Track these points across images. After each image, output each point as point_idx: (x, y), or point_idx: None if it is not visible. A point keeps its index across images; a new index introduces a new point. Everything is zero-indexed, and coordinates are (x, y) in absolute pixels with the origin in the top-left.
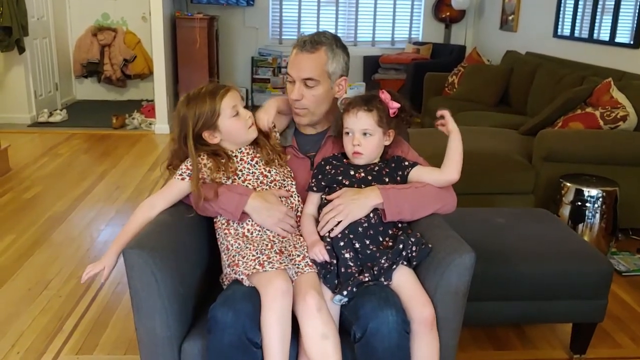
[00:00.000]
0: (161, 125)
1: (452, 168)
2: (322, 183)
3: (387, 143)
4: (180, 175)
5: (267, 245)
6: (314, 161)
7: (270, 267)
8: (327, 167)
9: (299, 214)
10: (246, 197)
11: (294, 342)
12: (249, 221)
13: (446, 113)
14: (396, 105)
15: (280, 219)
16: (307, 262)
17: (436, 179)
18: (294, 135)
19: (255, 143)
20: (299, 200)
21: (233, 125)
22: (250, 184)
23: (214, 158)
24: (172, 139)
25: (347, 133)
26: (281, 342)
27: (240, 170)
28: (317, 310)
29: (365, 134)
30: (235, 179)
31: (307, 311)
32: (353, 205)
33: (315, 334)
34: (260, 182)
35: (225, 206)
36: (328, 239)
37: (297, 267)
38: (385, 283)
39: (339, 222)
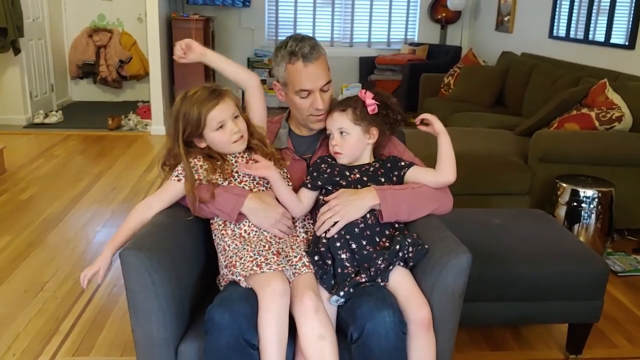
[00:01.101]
0: (157, 126)
1: (447, 170)
2: (318, 182)
3: (371, 141)
4: (177, 176)
5: (264, 246)
6: (310, 163)
7: (267, 269)
8: (323, 166)
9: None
10: (243, 198)
11: (290, 342)
12: (245, 222)
13: (429, 116)
14: (372, 102)
15: (277, 220)
16: (304, 262)
17: (432, 181)
18: (289, 137)
19: (249, 148)
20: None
21: (217, 138)
22: (246, 185)
23: (209, 160)
24: (168, 134)
25: (329, 135)
26: (278, 343)
27: (237, 172)
28: (314, 311)
29: (342, 133)
30: (231, 180)
31: (304, 312)
32: (350, 206)
33: (313, 334)
34: (257, 184)
35: (222, 207)
36: (324, 240)
37: (295, 268)
38: (382, 284)
39: (335, 223)
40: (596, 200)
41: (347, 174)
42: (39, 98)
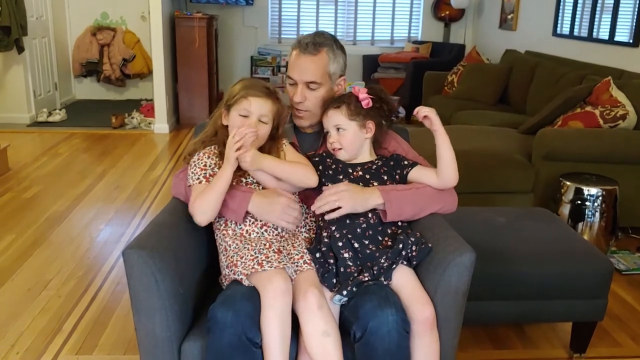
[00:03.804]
0: (160, 124)
1: (448, 173)
2: (322, 179)
3: (369, 135)
4: (198, 179)
5: (265, 245)
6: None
7: (269, 266)
8: (329, 160)
9: None
10: (249, 194)
11: (293, 341)
12: (247, 222)
13: (428, 111)
14: (365, 96)
15: (282, 211)
16: (305, 260)
17: (435, 183)
18: (294, 133)
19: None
20: (299, 201)
21: (234, 120)
22: (254, 186)
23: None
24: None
25: (327, 133)
26: (281, 341)
27: (247, 174)
28: (317, 308)
29: (338, 129)
30: (240, 181)
31: (307, 308)
32: (356, 198)
33: (316, 331)
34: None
35: (229, 203)
36: (325, 239)
37: (296, 265)
38: (385, 283)
39: (337, 211)
40: (600, 198)
41: (350, 171)
42: (42, 96)
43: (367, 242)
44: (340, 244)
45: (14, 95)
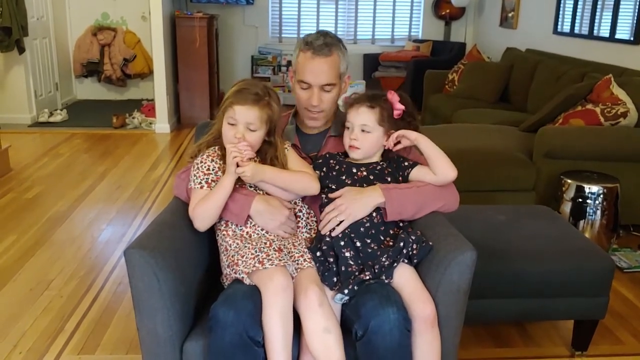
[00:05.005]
0: (161, 124)
1: (441, 168)
2: (326, 181)
3: (386, 144)
4: (199, 183)
5: (265, 243)
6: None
7: (269, 264)
8: (332, 162)
9: (300, 214)
10: (251, 199)
11: (295, 339)
12: (249, 224)
13: (400, 132)
14: (401, 107)
15: (283, 223)
16: (305, 258)
17: (435, 179)
18: (296, 134)
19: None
20: (301, 201)
21: (224, 127)
22: (255, 188)
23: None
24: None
25: (347, 127)
26: (284, 337)
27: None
28: (318, 305)
29: (363, 130)
30: (242, 184)
31: (308, 306)
32: (356, 204)
33: (317, 328)
34: (266, 193)
35: (231, 207)
36: (327, 238)
37: (297, 263)
38: (386, 281)
39: (340, 223)
40: (601, 196)
41: (354, 171)
42: (43, 97)
43: (369, 240)
44: (342, 242)
45: (15, 95)
